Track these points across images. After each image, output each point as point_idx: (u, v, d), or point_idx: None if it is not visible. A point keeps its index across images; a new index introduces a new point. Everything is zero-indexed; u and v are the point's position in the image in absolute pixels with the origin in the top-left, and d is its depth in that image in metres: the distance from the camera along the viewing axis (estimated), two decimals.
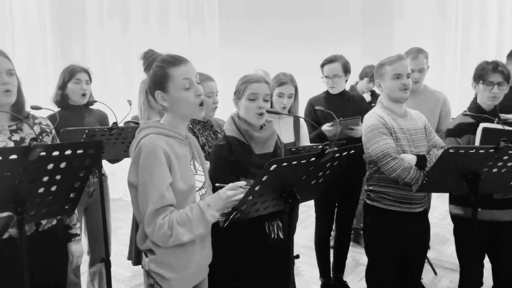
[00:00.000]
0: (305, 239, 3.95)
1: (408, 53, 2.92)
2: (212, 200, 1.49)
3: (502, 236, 2.40)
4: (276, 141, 2.05)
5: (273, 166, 1.37)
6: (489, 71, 2.31)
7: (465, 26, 6.45)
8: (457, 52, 6.42)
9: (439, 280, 3.41)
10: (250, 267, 1.92)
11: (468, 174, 1.91)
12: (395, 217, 2.22)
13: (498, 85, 2.30)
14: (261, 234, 1.93)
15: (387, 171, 2.12)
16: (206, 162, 1.91)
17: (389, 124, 2.20)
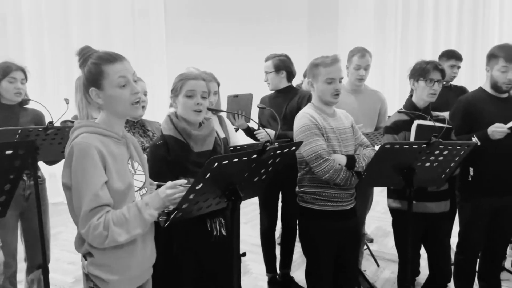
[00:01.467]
0: (254, 237, 3.98)
1: (355, 51, 3.03)
2: (150, 199, 1.46)
3: (436, 227, 2.54)
4: (216, 138, 2.05)
5: (214, 163, 1.36)
6: (431, 69, 2.43)
7: (404, 29, 6.78)
8: (397, 53, 6.75)
9: (381, 271, 3.56)
10: (193, 266, 1.90)
11: (403, 169, 2.01)
12: (328, 216, 2.27)
13: (437, 82, 2.43)
14: (203, 231, 1.92)
15: (319, 173, 2.16)
16: None
17: (321, 124, 2.23)
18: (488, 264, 2.87)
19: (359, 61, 2.96)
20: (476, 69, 6.35)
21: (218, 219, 1.95)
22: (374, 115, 3.01)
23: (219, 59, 5.30)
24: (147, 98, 2.39)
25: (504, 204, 2.63)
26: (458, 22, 6.71)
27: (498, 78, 2.57)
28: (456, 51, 3.74)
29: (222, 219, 1.96)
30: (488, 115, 2.55)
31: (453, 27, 6.71)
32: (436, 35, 6.71)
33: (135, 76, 1.56)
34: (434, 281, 2.59)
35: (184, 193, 1.42)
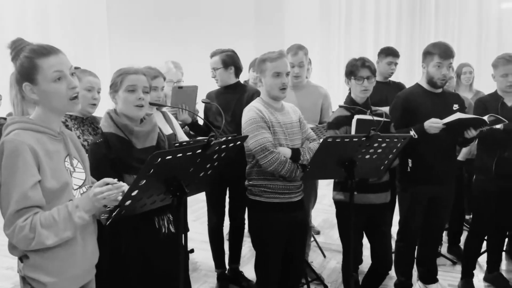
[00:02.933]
0: (203, 234, 3.96)
1: (289, 49, 3.07)
2: (80, 201, 1.41)
3: (377, 217, 2.66)
4: (159, 134, 2.02)
5: (157, 159, 1.35)
6: (359, 67, 2.54)
7: (347, 26, 7.00)
8: (341, 50, 6.95)
9: (327, 262, 3.67)
10: (140, 264, 1.87)
11: (345, 161, 2.09)
12: (276, 208, 2.31)
13: (367, 79, 2.53)
14: (151, 229, 1.89)
15: (265, 165, 2.20)
16: None
17: (267, 118, 2.27)
18: (426, 250, 3.05)
19: (292, 59, 3.00)
20: (414, 65, 6.69)
21: (166, 216, 1.93)
22: (316, 110, 3.08)
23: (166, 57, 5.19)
24: (99, 95, 2.30)
25: (440, 192, 2.81)
26: (397, 21, 7.03)
27: (433, 74, 2.73)
28: (394, 48, 3.89)
29: (170, 215, 1.94)
30: (424, 110, 2.70)
31: (392, 25, 7.02)
32: (376, 33, 6.99)
33: (73, 70, 1.50)
34: (376, 269, 2.71)
35: (113, 191, 1.38)
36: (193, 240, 3.95)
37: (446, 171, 2.80)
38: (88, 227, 1.56)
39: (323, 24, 7.07)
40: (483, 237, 3.17)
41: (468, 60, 4.67)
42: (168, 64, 3.29)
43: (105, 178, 1.44)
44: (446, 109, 2.73)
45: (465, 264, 3.15)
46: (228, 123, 2.91)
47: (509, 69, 2.86)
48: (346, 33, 7.03)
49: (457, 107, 2.80)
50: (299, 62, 3.01)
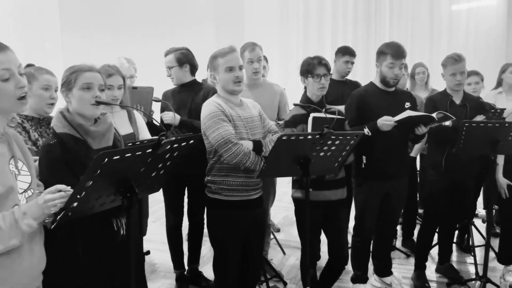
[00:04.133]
0: (162, 235, 3.90)
1: (246, 46, 3.07)
2: (28, 207, 1.34)
3: (334, 214, 2.70)
4: (115, 134, 1.96)
5: (103, 159, 1.30)
6: (315, 65, 2.57)
7: (305, 26, 7.09)
8: (299, 48, 7.03)
9: (287, 258, 3.71)
10: (99, 268, 1.81)
11: (300, 159, 2.11)
12: (235, 206, 2.30)
13: (324, 76, 2.57)
14: (109, 231, 1.83)
15: (229, 157, 2.18)
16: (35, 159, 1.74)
17: (228, 112, 2.26)
18: (381, 244, 3.14)
19: (250, 55, 3.01)
20: (370, 64, 6.87)
21: (124, 217, 1.87)
22: (273, 107, 3.09)
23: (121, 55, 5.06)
24: (57, 94, 2.20)
25: (393, 187, 2.89)
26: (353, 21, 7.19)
27: (386, 74, 2.80)
28: (350, 47, 3.96)
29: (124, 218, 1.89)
30: (377, 108, 2.77)
31: (349, 25, 7.18)
32: (334, 33, 7.12)
33: (22, 69, 1.43)
34: (333, 264, 2.76)
35: (65, 199, 1.33)
36: (152, 241, 3.88)
37: (399, 166, 2.89)
38: (36, 234, 1.49)
39: (282, 23, 7.12)
40: (434, 230, 3.30)
41: (421, 60, 4.85)
42: (121, 60, 3.21)
43: (57, 185, 1.38)
44: (398, 107, 2.81)
45: (418, 256, 3.27)
46: None
47: (457, 69, 2.98)
48: (305, 33, 7.12)
49: (409, 105, 2.89)
50: (258, 58, 3.02)
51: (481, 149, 2.74)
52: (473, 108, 3.03)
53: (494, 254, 3.42)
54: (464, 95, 3.09)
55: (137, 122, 2.60)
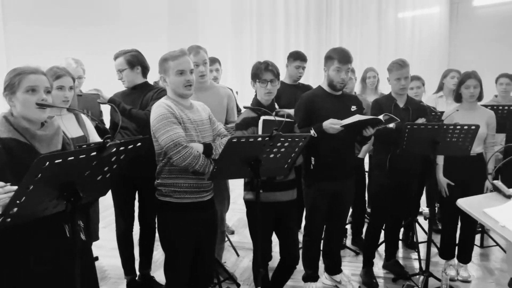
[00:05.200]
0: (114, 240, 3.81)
1: (190, 49, 3.07)
2: None
3: (285, 214, 2.74)
4: (63, 137, 1.90)
5: (44, 163, 1.27)
6: (262, 70, 2.61)
7: (259, 30, 7.17)
8: (253, 52, 7.09)
9: (241, 260, 3.73)
10: (51, 277, 1.73)
11: (250, 160, 2.14)
12: (187, 208, 2.30)
13: (270, 82, 2.61)
14: (62, 238, 1.76)
15: (178, 160, 2.17)
16: None
17: (178, 114, 2.25)
18: (331, 243, 3.23)
19: (195, 58, 3.00)
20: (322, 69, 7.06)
21: (80, 222, 1.82)
22: (222, 110, 3.10)
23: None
24: None
25: (341, 188, 2.98)
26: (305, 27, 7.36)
27: (333, 78, 2.89)
28: (302, 52, 4.05)
29: (81, 223, 1.83)
30: (325, 111, 2.85)
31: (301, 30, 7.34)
32: (287, 37, 7.25)
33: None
34: (285, 264, 2.81)
35: (2, 195, 1.28)
36: (102, 247, 3.78)
37: (346, 167, 2.99)
38: None
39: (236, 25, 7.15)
40: (381, 228, 3.44)
41: (370, 65, 5.05)
42: (68, 60, 3.11)
43: None
44: (345, 110, 2.91)
45: (366, 254, 3.40)
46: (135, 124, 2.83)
47: (401, 74, 3.13)
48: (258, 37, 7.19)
49: (355, 108, 3.00)
50: (203, 61, 3.01)
51: (422, 150, 2.89)
52: (415, 111, 3.19)
53: (437, 249, 3.61)
54: (407, 99, 3.25)
55: (86, 125, 2.54)
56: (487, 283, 3.35)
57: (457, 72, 4.22)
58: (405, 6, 7.84)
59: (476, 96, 3.19)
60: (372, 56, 7.35)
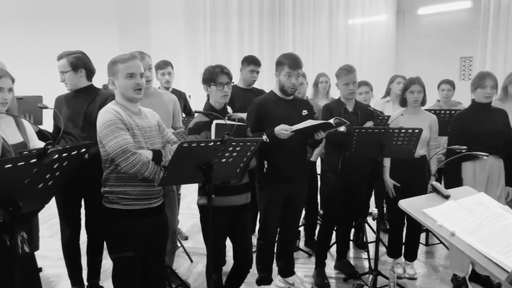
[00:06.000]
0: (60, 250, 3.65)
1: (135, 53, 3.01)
2: None
3: (239, 218, 2.74)
4: (3, 144, 1.80)
5: None
6: (218, 74, 2.60)
7: (212, 31, 7.14)
8: (207, 57, 7.06)
9: (194, 266, 3.69)
10: None
11: (202, 165, 2.12)
12: (135, 215, 2.25)
13: (226, 85, 2.62)
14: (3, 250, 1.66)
15: (127, 167, 2.12)
16: None
17: (126, 120, 2.20)
18: (284, 245, 3.27)
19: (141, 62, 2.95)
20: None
21: (20, 234, 1.72)
22: (168, 116, 3.06)
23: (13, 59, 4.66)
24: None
25: (294, 190, 3.03)
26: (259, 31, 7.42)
27: (284, 83, 2.94)
28: (255, 57, 4.08)
29: (24, 234, 1.73)
30: (276, 115, 2.89)
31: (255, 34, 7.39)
32: (241, 41, 7.28)
33: None
34: (238, 268, 2.81)
35: None
36: (48, 257, 3.61)
37: (299, 170, 3.04)
38: None
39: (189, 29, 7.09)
40: (332, 229, 3.52)
41: (322, 69, 5.17)
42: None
43: None
44: (296, 114, 2.97)
45: (318, 255, 3.47)
46: (80, 129, 2.73)
47: (349, 79, 3.23)
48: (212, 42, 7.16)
49: (306, 113, 3.06)
50: (148, 66, 2.96)
51: (370, 153, 2.99)
52: (364, 115, 3.30)
53: (385, 248, 3.74)
54: (356, 103, 3.35)
55: (27, 130, 2.41)
56: (432, 280, 3.52)
57: (403, 78, 4.41)
58: (355, 14, 8.10)
59: (420, 101, 3.35)
60: (323, 61, 7.54)
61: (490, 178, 3.15)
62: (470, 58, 8.03)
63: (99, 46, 4.79)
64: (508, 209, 1.62)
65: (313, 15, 7.67)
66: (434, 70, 6.90)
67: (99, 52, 3.05)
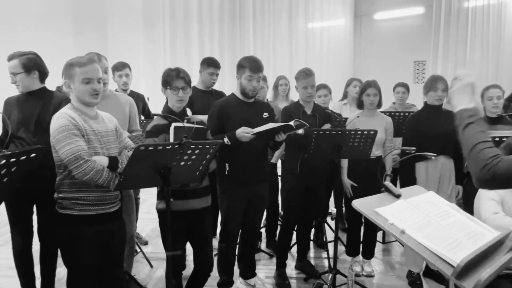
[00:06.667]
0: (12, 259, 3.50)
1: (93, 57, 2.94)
2: None
3: (199, 222, 2.72)
4: None
5: None
6: (174, 78, 2.58)
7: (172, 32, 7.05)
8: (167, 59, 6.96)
9: (154, 271, 3.63)
10: None
11: (160, 169, 2.10)
12: (91, 221, 2.20)
13: (182, 89, 2.59)
14: None
15: (79, 174, 2.07)
16: None
17: (81, 125, 2.15)
18: (246, 247, 3.27)
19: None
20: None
21: None
22: (124, 119, 3.00)
23: None
24: None
25: (255, 192, 3.05)
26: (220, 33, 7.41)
27: (245, 86, 2.95)
28: (215, 59, 4.07)
29: None
30: (237, 118, 2.90)
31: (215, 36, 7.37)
32: (201, 42, 7.24)
33: None
34: (199, 271, 2.79)
35: None
36: None
37: (260, 172, 3.06)
38: None
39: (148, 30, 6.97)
40: (292, 229, 3.57)
41: (282, 72, 5.23)
42: None
43: None
44: (257, 117, 2.99)
45: (279, 256, 3.50)
46: (32, 133, 2.62)
47: (308, 82, 3.29)
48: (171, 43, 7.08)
49: (267, 115, 3.09)
50: (105, 68, 2.90)
51: (328, 154, 3.05)
52: (322, 118, 3.37)
53: (344, 247, 3.83)
54: (314, 106, 3.42)
55: None
56: (389, 276, 3.63)
57: (359, 81, 4.54)
58: (314, 17, 8.26)
59: (376, 104, 3.46)
60: (284, 64, 7.63)
61: (441, 177, 3.29)
62: (424, 62, 8.37)
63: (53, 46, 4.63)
64: (455, 207, 1.71)
65: (273, 19, 7.75)
66: (389, 73, 7.15)
67: (53, 52, 2.94)
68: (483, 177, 1.35)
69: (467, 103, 1.52)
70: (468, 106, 1.50)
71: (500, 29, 7.24)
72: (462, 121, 1.48)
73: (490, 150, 1.37)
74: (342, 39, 8.60)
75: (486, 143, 1.40)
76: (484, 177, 1.34)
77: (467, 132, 1.44)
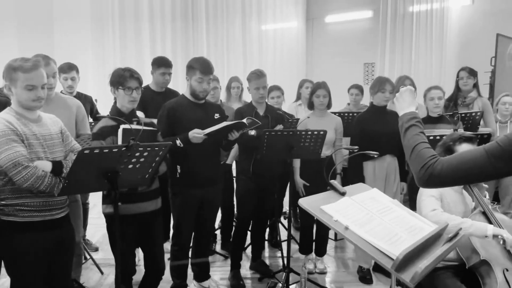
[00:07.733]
0: None
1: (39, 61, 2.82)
2: None
3: (150, 225, 2.67)
4: None
5: None
6: (127, 78, 2.51)
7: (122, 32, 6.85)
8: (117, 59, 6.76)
9: (105, 278, 3.52)
10: None
11: (107, 172, 2.04)
12: (36, 227, 2.11)
13: (135, 90, 2.54)
14: None
15: (19, 181, 1.98)
16: None
17: (20, 130, 2.05)
18: (200, 249, 3.25)
19: (45, 69, 2.77)
20: None
21: None
22: (71, 122, 2.88)
23: None
24: None
25: (208, 194, 3.03)
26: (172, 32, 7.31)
27: (195, 88, 2.93)
28: (166, 58, 3.98)
29: None
30: (188, 120, 2.88)
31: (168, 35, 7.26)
32: (153, 44, 7.10)
33: None
34: (150, 276, 2.74)
35: None
36: None
37: (212, 174, 3.04)
38: None
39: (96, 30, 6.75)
40: (247, 230, 3.58)
41: (236, 73, 5.24)
42: None
43: None
44: (208, 118, 2.98)
45: (233, 256, 3.50)
46: None
47: (259, 83, 3.32)
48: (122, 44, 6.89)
49: (218, 116, 3.09)
50: (53, 73, 2.79)
51: (280, 154, 3.09)
52: (274, 119, 3.41)
53: (298, 246, 3.89)
54: (266, 106, 3.45)
55: None
56: (341, 273, 3.73)
57: (311, 82, 4.64)
58: (267, 19, 8.33)
59: (325, 105, 3.54)
60: (237, 65, 7.63)
61: (388, 175, 3.42)
62: (372, 64, 8.67)
63: None
64: (397, 203, 1.79)
65: (226, 19, 7.74)
66: (341, 74, 7.33)
67: None
68: (422, 177, 1.42)
69: (408, 106, 1.67)
70: (408, 110, 1.65)
71: (442, 32, 7.62)
72: (403, 125, 1.60)
73: (427, 150, 1.46)
74: (295, 41, 8.73)
75: (424, 144, 1.49)
76: (423, 177, 1.42)
77: (408, 135, 1.55)
